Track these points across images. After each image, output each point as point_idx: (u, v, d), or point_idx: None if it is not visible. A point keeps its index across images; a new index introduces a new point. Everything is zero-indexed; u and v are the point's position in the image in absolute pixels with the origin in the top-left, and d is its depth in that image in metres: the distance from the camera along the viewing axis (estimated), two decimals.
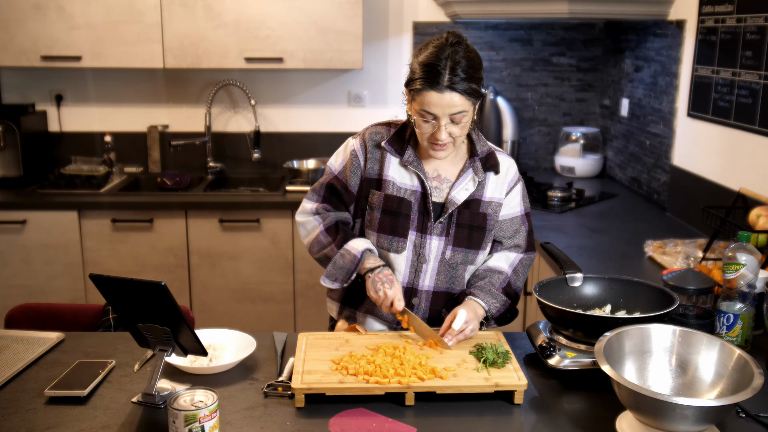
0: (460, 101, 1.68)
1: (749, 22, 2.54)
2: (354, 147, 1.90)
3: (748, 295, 1.75)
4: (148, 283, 1.47)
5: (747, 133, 2.57)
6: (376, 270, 1.81)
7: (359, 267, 1.83)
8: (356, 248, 1.84)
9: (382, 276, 1.81)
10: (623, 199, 3.50)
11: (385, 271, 1.82)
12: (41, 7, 3.46)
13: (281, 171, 3.99)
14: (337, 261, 1.85)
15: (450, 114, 1.70)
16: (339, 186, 1.91)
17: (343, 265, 1.84)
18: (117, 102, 3.97)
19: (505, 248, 1.94)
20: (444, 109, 1.69)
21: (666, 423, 1.32)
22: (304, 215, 1.96)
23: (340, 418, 1.48)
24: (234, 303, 3.56)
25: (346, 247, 1.85)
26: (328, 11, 3.53)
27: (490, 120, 3.93)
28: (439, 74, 1.66)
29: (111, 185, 3.67)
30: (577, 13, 3.23)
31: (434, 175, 1.87)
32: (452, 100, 1.68)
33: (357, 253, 1.83)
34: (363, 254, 1.83)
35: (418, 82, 1.69)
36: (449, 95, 1.67)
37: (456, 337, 1.73)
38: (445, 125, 1.71)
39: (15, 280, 3.47)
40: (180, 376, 1.67)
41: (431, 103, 1.69)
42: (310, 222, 1.93)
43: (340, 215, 1.93)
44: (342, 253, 1.85)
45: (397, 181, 1.85)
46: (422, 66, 1.69)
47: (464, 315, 1.75)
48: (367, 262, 1.83)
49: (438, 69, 1.67)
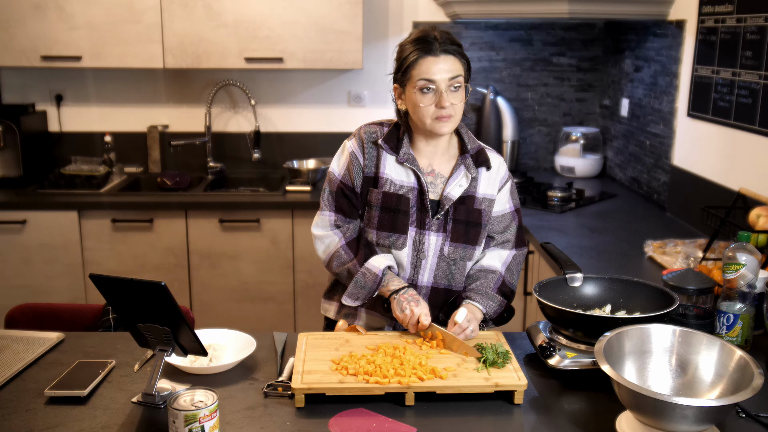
0: (455, 64, 1.78)
1: (749, 22, 2.54)
2: (352, 148, 1.91)
3: (748, 295, 1.75)
4: (148, 283, 1.47)
5: (747, 133, 2.57)
6: (401, 291, 1.82)
7: (380, 287, 1.84)
8: (377, 267, 1.84)
9: (408, 296, 1.81)
10: (623, 199, 3.50)
11: (410, 291, 1.83)
12: (41, 7, 3.46)
13: (281, 171, 3.99)
14: (358, 281, 1.86)
15: (448, 78, 1.76)
16: (347, 191, 1.91)
17: (365, 285, 1.85)
18: (117, 102, 3.97)
19: (497, 244, 1.95)
20: (443, 72, 1.76)
21: (666, 423, 1.32)
22: (321, 229, 1.94)
23: (340, 418, 1.48)
24: (234, 303, 3.56)
25: (367, 266, 1.85)
26: (328, 11, 3.53)
27: (490, 120, 3.93)
28: (431, 43, 1.77)
29: (111, 185, 3.67)
30: (577, 13, 3.23)
31: (428, 171, 1.89)
32: (448, 63, 1.77)
33: (378, 272, 1.84)
34: (384, 273, 1.84)
35: (412, 54, 1.78)
36: (444, 57, 1.76)
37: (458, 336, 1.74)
38: (446, 92, 1.76)
39: (15, 280, 3.47)
40: (180, 376, 1.67)
41: (429, 69, 1.76)
42: (329, 236, 1.93)
43: (357, 225, 1.93)
44: (363, 272, 1.85)
45: (393, 178, 1.86)
46: (413, 42, 1.79)
47: (464, 312, 1.77)
48: (391, 285, 1.84)
49: (429, 39, 1.78)
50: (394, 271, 1.88)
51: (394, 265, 1.88)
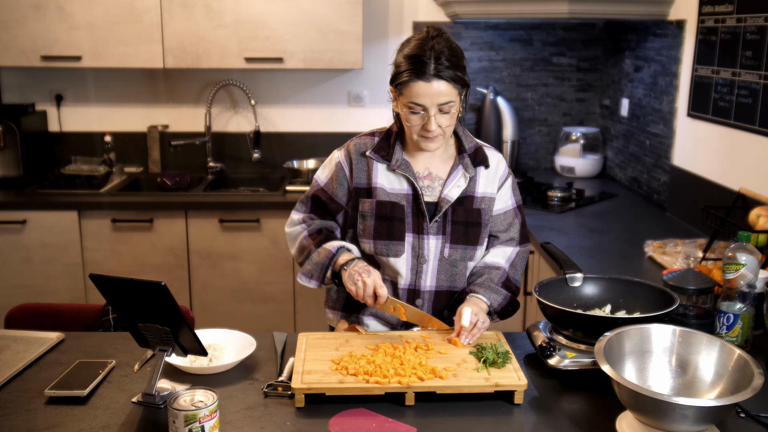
0: (447, 89, 1.71)
1: (749, 22, 2.54)
2: (339, 159, 1.92)
3: (748, 295, 1.75)
4: (148, 283, 1.47)
5: (747, 133, 2.57)
6: (351, 264, 1.81)
7: (333, 262, 1.83)
8: (332, 245, 1.85)
9: (358, 268, 1.80)
10: (623, 199, 3.50)
11: (360, 263, 1.82)
12: (41, 7, 3.46)
13: (281, 171, 3.99)
14: (313, 257, 1.86)
15: (438, 104, 1.72)
16: (324, 197, 1.93)
17: (318, 261, 1.85)
18: (117, 102, 3.97)
19: (501, 242, 1.95)
20: (432, 98, 1.71)
21: (666, 423, 1.32)
22: (291, 226, 1.98)
23: (340, 418, 1.48)
24: (234, 303, 3.56)
25: (324, 245, 1.86)
26: (328, 11, 3.53)
27: (490, 120, 3.93)
28: (424, 64, 1.70)
29: (111, 185, 3.67)
30: (577, 13, 3.23)
31: (425, 174, 1.88)
32: (440, 89, 1.70)
33: (332, 248, 1.84)
34: (338, 250, 1.84)
35: (404, 75, 1.72)
36: (436, 84, 1.70)
37: (471, 334, 1.73)
38: (434, 116, 1.73)
39: (15, 280, 3.47)
40: (180, 376, 1.67)
41: (419, 93, 1.71)
42: (296, 230, 1.95)
43: (326, 223, 1.95)
44: (318, 251, 1.86)
45: (386, 187, 1.86)
46: (407, 59, 1.72)
47: (469, 311, 1.75)
48: (341, 258, 1.83)
49: (423, 59, 1.70)
50: (351, 252, 1.86)
51: (353, 248, 1.88)
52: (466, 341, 1.72)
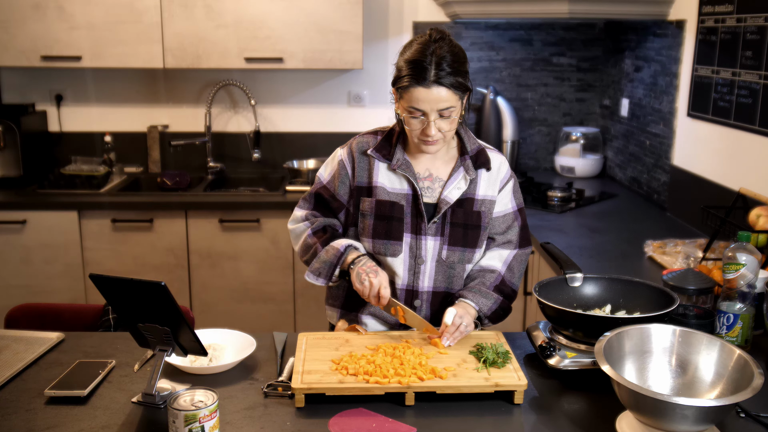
0: (447, 95, 1.71)
1: (749, 22, 2.54)
2: (341, 157, 1.92)
3: (748, 295, 1.75)
4: (148, 283, 1.47)
5: (747, 133, 2.57)
6: (359, 262, 1.82)
7: (342, 261, 1.84)
8: (340, 243, 1.86)
9: (366, 267, 1.81)
10: (623, 199, 3.50)
11: (368, 263, 1.83)
12: (41, 7, 3.46)
13: (281, 171, 3.99)
14: (321, 256, 1.87)
15: (438, 109, 1.72)
16: (327, 195, 1.93)
17: (327, 260, 1.86)
18: (117, 102, 3.97)
19: (498, 245, 1.94)
20: (432, 104, 1.71)
21: (666, 423, 1.32)
22: (294, 222, 1.99)
23: (340, 418, 1.48)
24: (234, 303, 3.56)
25: (332, 244, 1.87)
26: (328, 11, 3.53)
27: (490, 120, 3.93)
28: (425, 70, 1.69)
29: (111, 185, 3.67)
30: (577, 13, 3.23)
31: (426, 175, 1.88)
32: (440, 95, 1.70)
33: (341, 247, 1.85)
34: (347, 249, 1.85)
35: (405, 80, 1.72)
36: (436, 90, 1.70)
37: (452, 335, 1.73)
38: (434, 121, 1.73)
39: (15, 280, 3.47)
40: (180, 376, 1.67)
41: (419, 99, 1.71)
42: (299, 227, 1.96)
43: (329, 220, 1.96)
44: (326, 249, 1.87)
45: (387, 186, 1.86)
46: (408, 63, 1.72)
47: (453, 312, 1.75)
48: (349, 256, 1.84)
49: (424, 65, 1.69)
50: (359, 250, 1.87)
51: (360, 247, 1.89)
52: (447, 343, 1.72)
